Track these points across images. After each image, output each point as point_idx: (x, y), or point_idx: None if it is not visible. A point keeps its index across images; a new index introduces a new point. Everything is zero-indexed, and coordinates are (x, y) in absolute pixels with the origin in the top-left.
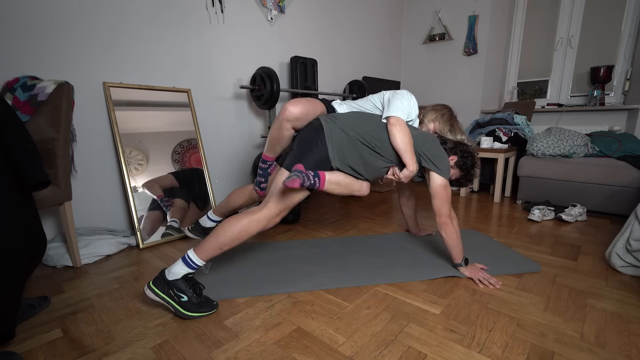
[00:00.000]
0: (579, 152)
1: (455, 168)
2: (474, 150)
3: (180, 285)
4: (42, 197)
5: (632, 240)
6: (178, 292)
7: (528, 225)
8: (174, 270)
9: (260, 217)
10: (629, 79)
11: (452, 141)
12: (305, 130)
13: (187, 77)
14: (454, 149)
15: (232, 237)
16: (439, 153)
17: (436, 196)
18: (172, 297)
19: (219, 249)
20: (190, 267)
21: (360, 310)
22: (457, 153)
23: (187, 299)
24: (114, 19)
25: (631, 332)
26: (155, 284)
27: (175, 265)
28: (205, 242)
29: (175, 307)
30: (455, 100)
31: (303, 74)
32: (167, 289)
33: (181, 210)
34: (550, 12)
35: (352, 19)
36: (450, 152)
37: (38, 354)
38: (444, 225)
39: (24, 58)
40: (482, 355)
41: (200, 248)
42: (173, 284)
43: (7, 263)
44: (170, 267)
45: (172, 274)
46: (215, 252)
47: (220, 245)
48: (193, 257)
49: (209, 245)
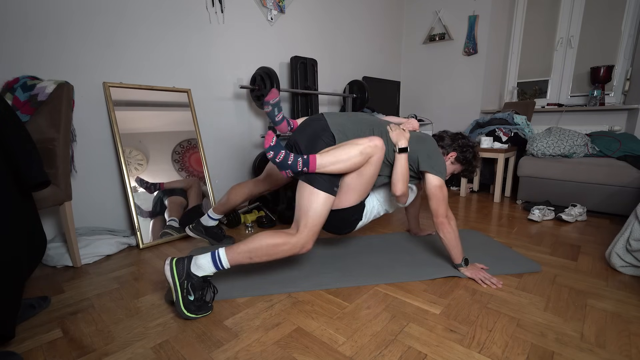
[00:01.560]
0: (579, 152)
1: (456, 163)
2: (473, 142)
3: (196, 283)
4: (42, 197)
5: (632, 240)
6: (190, 288)
7: (528, 225)
8: (201, 262)
9: (294, 242)
10: (629, 78)
11: (449, 137)
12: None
13: (187, 77)
14: (452, 144)
15: (264, 252)
16: (434, 153)
17: (432, 197)
18: (182, 290)
19: (249, 257)
20: (215, 266)
21: (360, 310)
22: (455, 149)
23: (193, 299)
24: (114, 18)
25: (631, 332)
26: (178, 265)
27: (203, 257)
28: (237, 246)
29: (179, 300)
30: (455, 100)
31: (303, 74)
32: (184, 278)
33: (179, 206)
34: (550, 12)
35: (352, 18)
36: (448, 148)
37: (38, 354)
38: (441, 226)
39: (24, 58)
40: (482, 355)
41: (232, 251)
42: (192, 278)
43: (7, 263)
44: (198, 258)
45: (197, 267)
46: (244, 260)
47: (251, 255)
48: (223, 258)
49: (241, 250)
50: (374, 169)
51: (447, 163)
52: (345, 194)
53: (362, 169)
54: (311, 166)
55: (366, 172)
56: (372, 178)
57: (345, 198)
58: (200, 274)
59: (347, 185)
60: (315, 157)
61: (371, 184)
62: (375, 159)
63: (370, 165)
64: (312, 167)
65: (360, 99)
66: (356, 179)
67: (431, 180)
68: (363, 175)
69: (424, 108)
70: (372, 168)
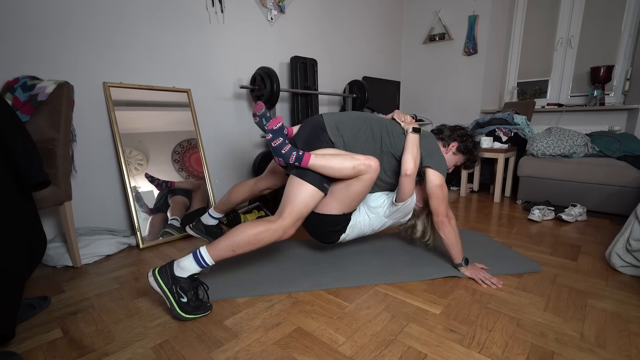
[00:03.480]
0: (579, 152)
1: (458, 154)
2: (472, 132)
3: (185, 284)
4: (42, 197)
5: (632, 240)
6: (180, 291)
7: (528, 225)
8: (183, 264)
9: (276, 227)
10: (629, 78)
11: (448, 129)
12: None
13: (187, 77)
14: (452, 135)
15: (246, 242)
16: (435, 150)
17: (433, 196)
18: (173, 294)
19: (231, 250)
20: (199, 265)
21: (360, 310)
22: (456, 139)
23: (187, 300)
24: (114, 18)
25: (631, 332)
26: (161, 273)
27: (185, 259)
28: (219, 241)
29: (173, 305)
30: (455, 100)
31: (303, 74)
32: (172, 283)
33: (182, 206)
34: (550, 12)
35: (352, 18)
36: (449, 139)
37: (38, 354)
38: (441, 225)
39: (24, 58)
40: (482, 355)
41: (213, 246)
42: (178, 281)
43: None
44: (180, 261)
45: (181, 269)
46: (227, 254)
47: (234, 248)
48: (205, 255)
49: (222, 245)
50: (362, 187)
51: (449, 155)
52: (328, 199)
53: (351, 182)
54: (303, 163)
55: (354, 187)
56: (359, 195)
57: (328, 203)
58: (186, 275)
59: (332, 193)
60: (309, 155)
61: (356, 201)
62: (366, 178)
63: (359, 182)
64: (304, 164)
65: (360, 99)
66: (343, 190)
67: (432, 178)
68: (350, 188)
69: (424, 108)
70: (361, 185)
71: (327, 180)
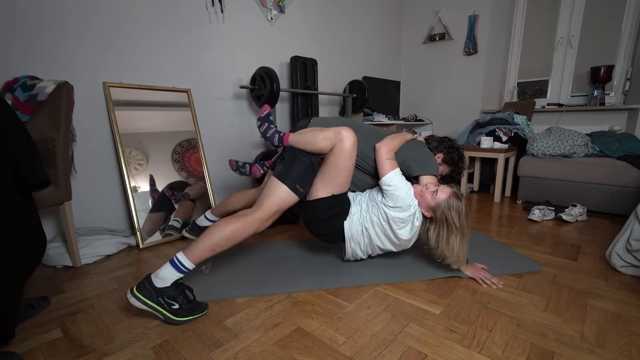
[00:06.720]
0: (579, 152)
1: (443, 164)
2: (458, 144)
3: (171, 292)
4: (42, 197)
5: (632, 240)
6: (169, 299)
7: (528, 225)
8: (163, 274)
9: (252, 219)
10: (629, 78)
11: (435, 140)
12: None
13: (187, 77)
14: (439, 146)
15: (224, 239)
16: (424, 156)
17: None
18: (162, 306)
19: (210, 250)
20: (179, 271)
21: (360, 310)
22: (442, 150)
23: (179, 306)
24: (114, 18)
25: (631, 332)
26: (141, 291)
27: (163, 269)
28: (195, 243)
29: (166, 315)
30: (456, 100)
31: (303, 73)
32: (156, 296)
33: (187, 209)
34: (550, 12)
35: (352, 18)
36: (435, 150)
37: (38, 354)
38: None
39: (24, 58)
40: (482, 355)
41: (191, 250)
42: (162, 292)
43: (7, 263)
44: (158, 272)
45: (161, 280)
46: (206, 254)
47: (213, 247)
48: (183, 260)
49: (200, 247)
50: (339, 160)
51: None
52: (315, 184)
53: (328, 159)
54: (284, 141)
55: (331, 161)
56: (340, 171)
57: (316, 188)
58: (169, 284)
59: (317, 178)
60: (289, 134)
61: (340, 177)
62: (339, 149)
63: (334, 155)
64: (285, 142)
65: (360, 99)
66: (324, 169)
67: (424, 180)
68: (329, 165)
69: (424, 108)
70: (337, 159)
71: (303, 184)
